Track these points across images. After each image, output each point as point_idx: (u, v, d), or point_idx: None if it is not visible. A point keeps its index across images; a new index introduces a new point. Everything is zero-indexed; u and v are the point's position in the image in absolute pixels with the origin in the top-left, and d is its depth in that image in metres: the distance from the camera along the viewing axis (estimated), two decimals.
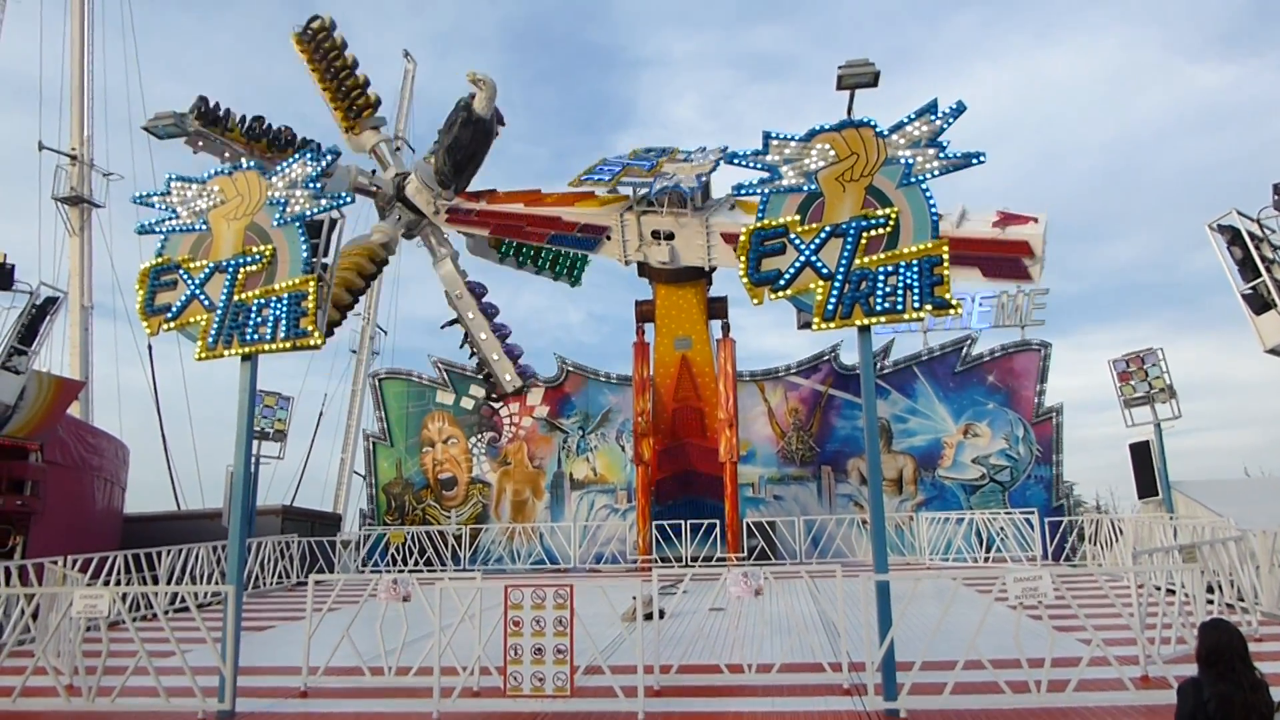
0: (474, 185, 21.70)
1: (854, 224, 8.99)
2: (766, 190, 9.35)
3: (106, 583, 15.16)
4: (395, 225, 22.00)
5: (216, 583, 17.38)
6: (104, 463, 22.32)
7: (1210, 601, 10.81)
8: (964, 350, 24.79)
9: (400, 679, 9.68)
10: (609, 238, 20.56)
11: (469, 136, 20.23)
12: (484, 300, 21.68)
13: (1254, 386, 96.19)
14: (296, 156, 10.02)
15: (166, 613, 10.78)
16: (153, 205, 10.40)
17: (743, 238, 9.30)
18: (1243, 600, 11.98)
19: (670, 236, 19.95)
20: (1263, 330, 13.78)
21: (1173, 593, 10.43)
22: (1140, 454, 21.86)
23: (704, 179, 19.61)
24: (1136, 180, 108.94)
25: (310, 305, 9.51)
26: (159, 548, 17.22)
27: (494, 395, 22.18)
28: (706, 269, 21.20)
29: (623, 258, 20.80)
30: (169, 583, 16.47)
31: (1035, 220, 16.84)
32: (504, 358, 21.02)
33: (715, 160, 19.80)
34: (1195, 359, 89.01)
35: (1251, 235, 13.85)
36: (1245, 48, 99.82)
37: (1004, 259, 17.31)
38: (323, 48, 21.08)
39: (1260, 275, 13.66)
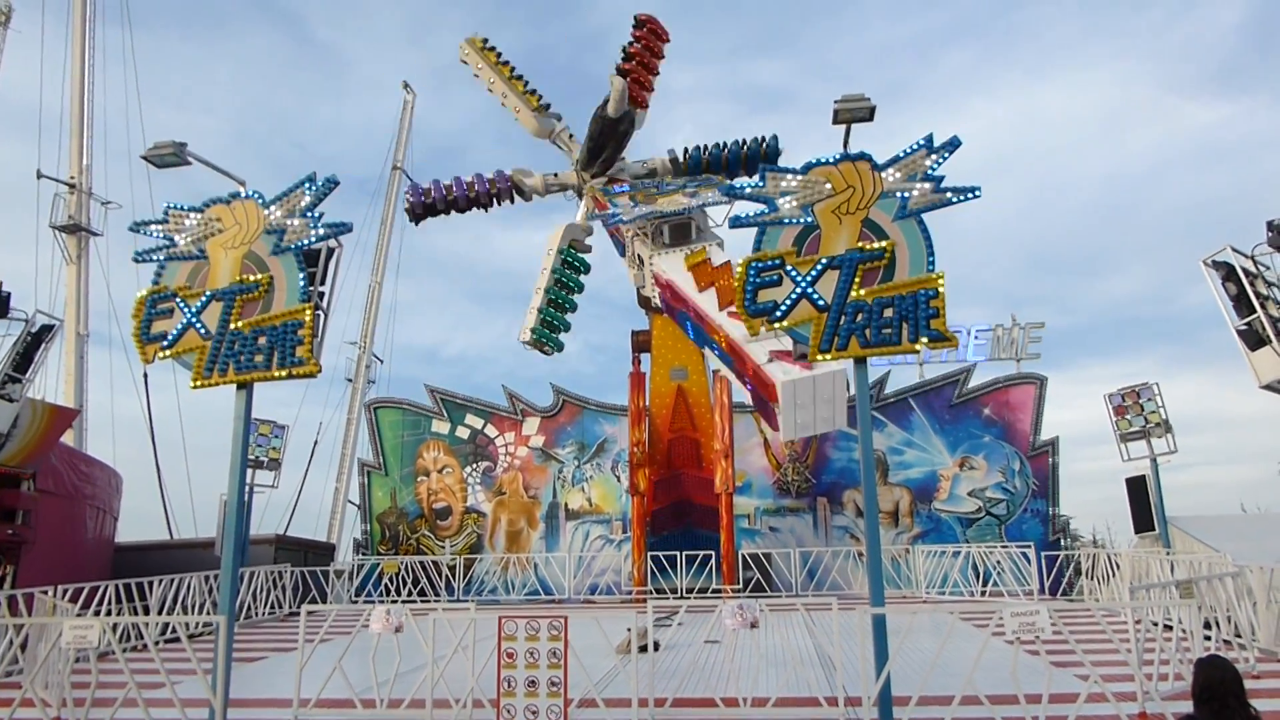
0: None
1: (850, 256, 9.04)
2: (763, 222, 9.40)
3: (97, 613, 15.02)
4: (586, 214, 22.92)
5: (208, 613, 17.24)
6: (97, 491, 22.21)
7: (1208, 638, 10.75)
8: (960, 383, 24.82)
9: (392, 711, 9.59)
10: (626, 249, 21.37)
11: (598, 130, 22.05)
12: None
13: (1250, 422, 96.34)
14: (293, 186, 10.06)
15: (157, 643, 10.70)
16: (150, 233, 10.43)
17: (739, 269, 9.34)
18: (1240, 636, 11.91)
19: (643, 263, 20.35)
20: (1258, 366, 13.82)
21: (1170, 628, 10.38)
22: (1137, 489, 21.84)
23: (653, 213, 20.02)
24: (1132, 215, 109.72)
25: (306, 334, 9.52)
26: (150, 577, 17.10)
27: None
28: (653, 304, 21.52)
29: (630, 269, 21.60)
30: (160, 613, 16.35)
31: (809, 366, 13.53)
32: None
33: (685, 206, 20.10)
34: (1191, 394, 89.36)
35: (1246, 271, 13.92)
36: (1239, 85, 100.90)
37: (758, 395, 15.51)
38: (493, 54, 23.38)
39: (1255, 311, 13.71)
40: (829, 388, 13.93)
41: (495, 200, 23.17)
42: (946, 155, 9.15)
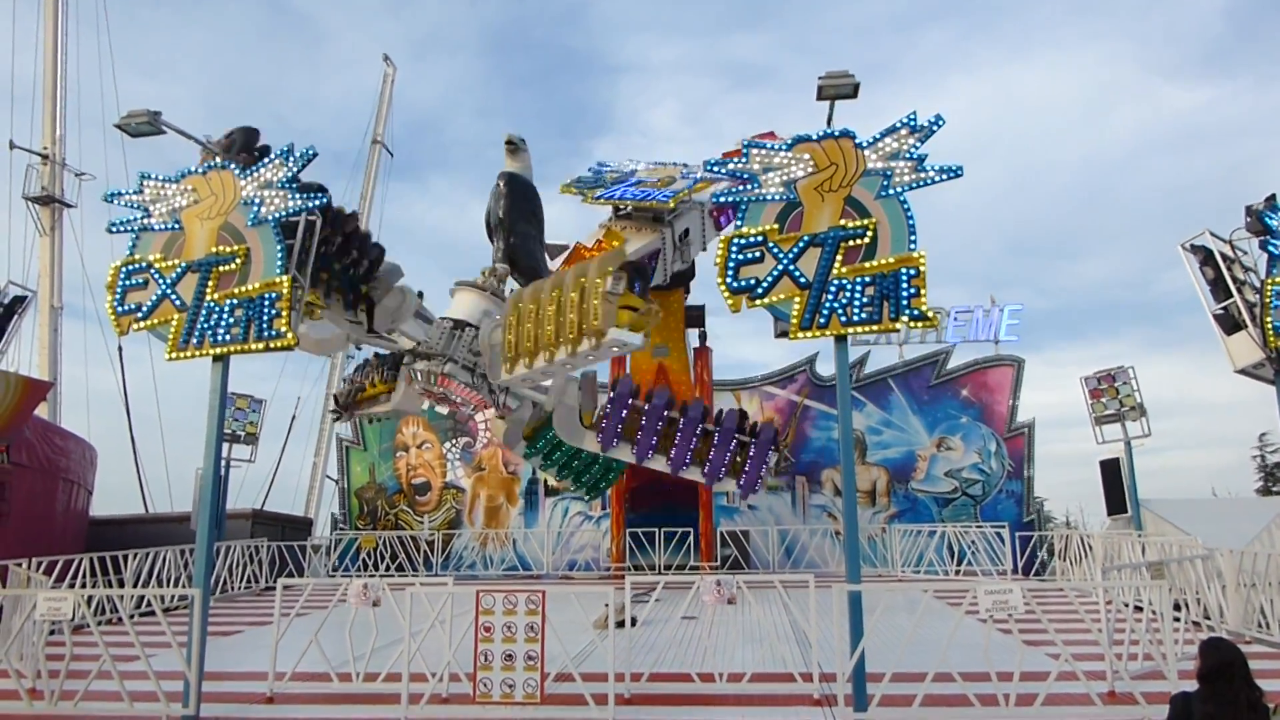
0: None
1: (832, 234, 9.02)
2: (745, 198, 9.37)
3: (71, 586, 14.93)
4: None
5: (183, 586, 17.16)
6: (71, 465, 22.01)
7: (1177, 619, 10.88)
8: (939, 364, 24.92)
9: (369, 685, 9.59)
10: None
11: None
12: None
13: (1224, 407, 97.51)
14: (271, 157, 9.92)
15: (132, 616, 10.63)
16: (124, 204, 10.28)
17: (720, 246, 9.32)
18: (1209, 618, 12.08)
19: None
20: (1233, 351, 13.89)
21: (1140, 609, 10.50)
22: (1110, 471, 22.03)
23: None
24: (1111, 198, 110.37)
25: (284, 306, 9.42)
26: (125, 551, 16.99)
27: None
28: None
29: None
30: (135, 586, 16.25)
31: None
32: None
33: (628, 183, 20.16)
34: (1166, 377, 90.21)
35: (1224, 256, 13.98)
36: (1220, 70, 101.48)
37: None
38: None
39: (1232, 296, 13.79)
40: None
41: None
42: (929, 134, 9.13)
